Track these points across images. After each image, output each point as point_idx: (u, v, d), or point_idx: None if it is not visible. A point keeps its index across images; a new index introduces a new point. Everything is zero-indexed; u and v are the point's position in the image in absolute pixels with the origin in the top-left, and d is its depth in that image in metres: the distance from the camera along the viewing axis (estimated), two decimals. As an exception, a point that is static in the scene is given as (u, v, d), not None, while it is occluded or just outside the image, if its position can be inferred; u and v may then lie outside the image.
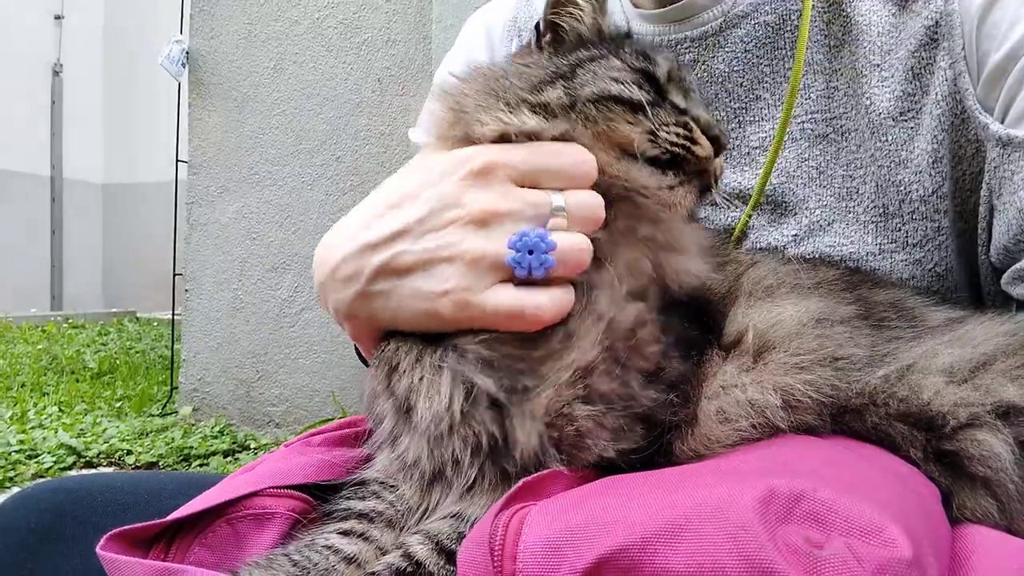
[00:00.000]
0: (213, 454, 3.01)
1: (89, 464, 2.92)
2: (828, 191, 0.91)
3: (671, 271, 0.68)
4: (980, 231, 0.87)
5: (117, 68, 9.01)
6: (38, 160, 8.64)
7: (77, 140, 8.89)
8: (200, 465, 2.92)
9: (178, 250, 3.56)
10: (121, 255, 9.08)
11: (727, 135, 0.76)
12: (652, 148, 0.70)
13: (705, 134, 0.73)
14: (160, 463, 2.92)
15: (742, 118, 0.96)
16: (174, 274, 3.58)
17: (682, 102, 0.76)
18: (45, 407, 3.68)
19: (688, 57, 0.97)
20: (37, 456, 2.88)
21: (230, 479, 0.71)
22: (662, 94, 0.74)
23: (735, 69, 0.95)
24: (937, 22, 0.86)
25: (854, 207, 0.89)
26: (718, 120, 0.91)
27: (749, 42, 0.95)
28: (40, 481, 1.05)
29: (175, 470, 2.86)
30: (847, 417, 0.64)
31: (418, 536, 0.59)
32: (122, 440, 3.11)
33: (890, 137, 0.88)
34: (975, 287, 0.91)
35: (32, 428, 3.25)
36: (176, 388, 3.61)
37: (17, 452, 2.87)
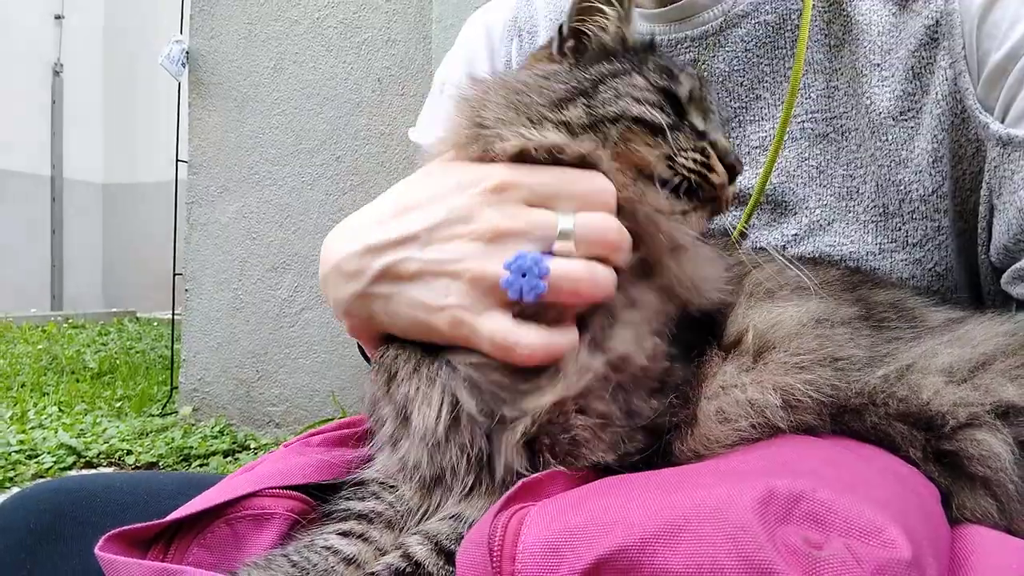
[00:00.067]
0: (213, 454, 3.01)
1: (89, 464, 2.92)
2: (828, 190, 0.91)
3: (689, 297, 0.67)
4: (980, 231, 0.87)
5: (117, 68, 9.01)
6: (38, 160, 8.64)
7: (77, 140, 8.89)
8: (200, 465, 2.92)
9: (178, 250, 3.56)
10: (121, 255, 9.09)
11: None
12: (669, 172, 0.69)
13: (722, 160, 0.71)
14: (160, 463, 2.92)
15: (742, 118, 0.96)
16: (174, 274, 3.58)
17: (701, 124, 0.74)
18: (45, 407, 3.68)
19: (688, 57, 0.97)
20: (37, 456, 2.88)
21: (229, 479, 0.71)
22: (682, 115, 0.73)
23: (735, 69, 0.95)
24: (937, 21, 0.86)
25: (854, 207, 0.89)
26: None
27: (749, 41, 0.95)
28: (39, 481, 1.05)
29: (175, 470, 2.86)
30: (847, 417, 0.64)
31: (417, 537, 0.59)
32: (122, 440, 3.11)
33: (890, 136, 0.87)
34: (975, 287, 0.91)
35: (32, 428, 3.25)
36: (176, 388, 3.61)
37: (17, 452, 2.87)
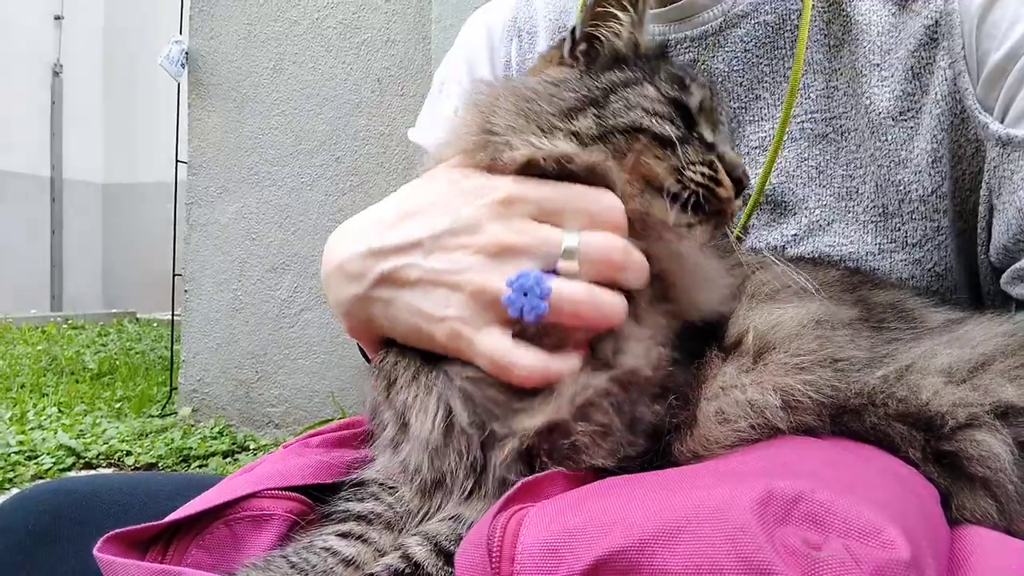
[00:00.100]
0: (212, 455, 3.01)
1: (88, 465, 2.92)
2: (828, 191, 0.91)
3: (694, 310, 0.67)
4: (980, 231, 0.87)
5: (117, 68, 9.01)
6: (38, 160, 8.64)
7: (77, 140, 8.89)
8: (199, 466, 2.92)
9: (178, 250, 3.56)
10: (121, 256, 9.08)
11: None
12: (677, 186, 0.69)
13: (729, 174, 0.71)
14: (159, 464, 2.92)
15: (742, 118, 0.95)
16: (173, 274, 3.58)
17: (710, 136, 0.74)
18: (44, 408, 3.68)
19: (687, 57, 0.97)
20: (36, 457, 2.88)
21: (228, 480, 0.71)
22: (692, 126, 0.73)
23: (735, 69, 0.95)
24: (937, 21, 0.86)
25: (854, 207, 0.89)
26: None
27: (749, 42, 0.95)
28: (38, 482, 1.05)
29: (174, 471, 2.86)
30: (846, 418, 0.63)
31: (417, 537, 0.59)
32: (121, 441, 3.11)
33: (890, 137, 0.87)
34: (975, 287, 0.91)
35: (31, 429, 3.25)
36: (175, 389, 3.61)
37: (16, 453, 2.87)
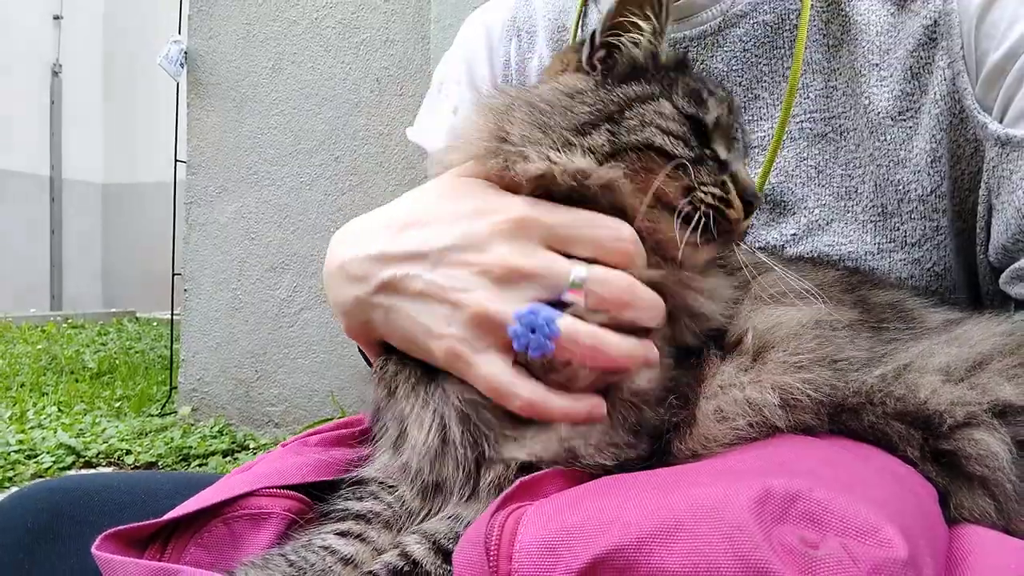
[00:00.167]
0: (212, 454, 3.01)
1: (88, 464, 2.92)
2: (827, 190, 0.91)
3: (697, 325, 0.68)
4: (979, 230, 0.87)
5: (116, 68, 9.02)
6: (37, 160, 8.64)
7: (76, 140, 8.89)
8: (199, 465, 2.92)
9: (177, 250, 3.56)
10: (120, 255, 9.09)
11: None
12: (687, 206, 0.68)
13: (740, 196, 0.70)
14: (159, 463, 2.92)
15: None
16: (173, 274, 3.58)
17: (724, 153, 0.72)
18: (44, 407, 3.68)
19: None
20: (36, 456, 2.88)
21: (226, 479, 0.71)
22: (706, 142, 0.71)
23: (734, 68, 0.95)
24: (936, 21, 0.86)
25: (853, 206, 0.89)
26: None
27: (748, 41, 0.95)
28: (38, 481, 1.05)
29: (174, 470, 2.86)
30: (844, 416, 0.64)
31: (415, 536, 0.59)
32: (121, 440, 3.11)
33: (889, 136, 0.87)
34: (974, 287, 0.91)
35: (31, 428, 3.25)
36: (175, 388, 3.61)
37: (16, 452, 2.87)
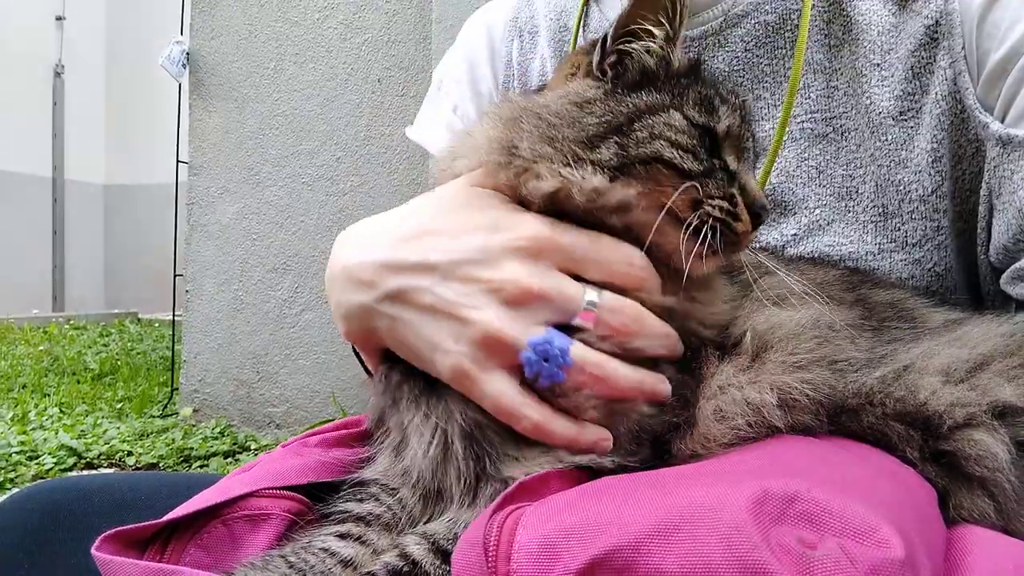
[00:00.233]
0: (213, 455, 3.01)
1: (90, 465, 2.92)
2: (828, 190, 0.91)
3: (699, 332, 0.68)
4: (980, 231, 0.87)
5: (118, 69, 9.01)
6: (39, 161, 8.63)
7: (78, 141, 8.89)
8: (200, 466, 2.92)
9: (179, 251, 3.56)
10: (123, 256, 9.08)
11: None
12: (693, 218, 0.67)
13: (748, 208, 0.69)
14: (160, 464, 2.92)
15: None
16: (175, 275, 3.59)
17: (734, 164, 0.71)
18: (46, 408, 3.67)
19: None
20: (38, 457, 2.88)
21: (226, 480, 0.71)
22: (717, 152, 0.70)
23: (735, 69, 0.95)
24: (937, 21, 0.86)
25: (854, 207, 0.89)
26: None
27: (749, 41, 0.95)
28: (38, 482, 1.05)
29: (175, 471, 2.87)
30: (844, 417, 0.64)
31: (414, 536, 0.59)
32: (123, 441, 3.11)
33: (890, 136, 0.87)
34: (974, 287, 0.90)
35: (33, 429, 3.25)
36: (177, 389, 3.61)
37: (18, 453, 2.87)
